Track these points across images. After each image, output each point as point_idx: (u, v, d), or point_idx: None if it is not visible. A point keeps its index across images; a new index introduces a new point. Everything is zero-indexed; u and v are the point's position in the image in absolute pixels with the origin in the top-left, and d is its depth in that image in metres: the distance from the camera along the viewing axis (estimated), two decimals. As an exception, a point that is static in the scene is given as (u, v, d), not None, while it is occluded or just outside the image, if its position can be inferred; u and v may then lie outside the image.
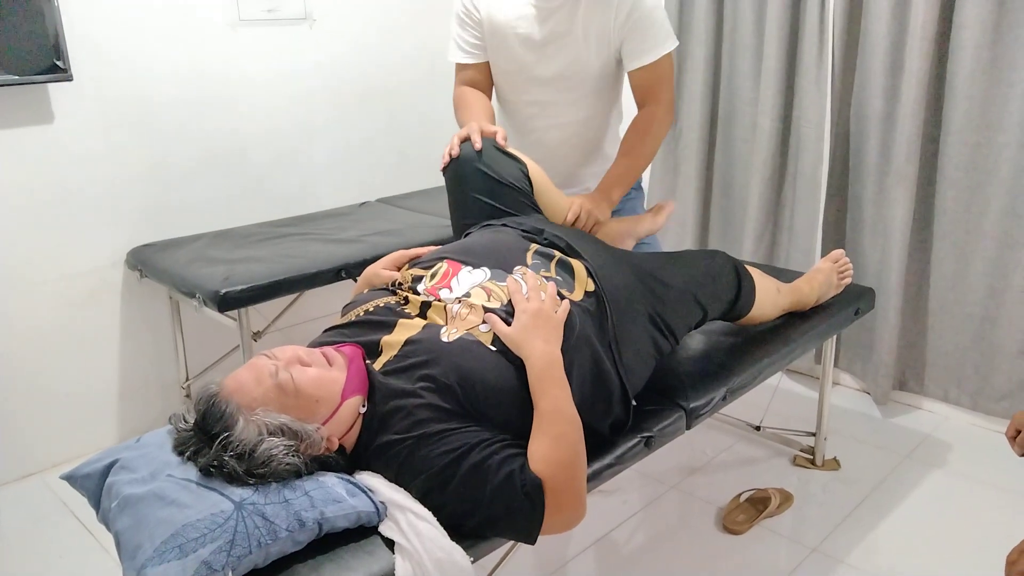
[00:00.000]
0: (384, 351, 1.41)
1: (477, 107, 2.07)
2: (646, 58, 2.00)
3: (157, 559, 1.13)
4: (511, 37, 2.03)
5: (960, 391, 2.64)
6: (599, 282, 1.57)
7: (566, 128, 2.14)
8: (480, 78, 2.15)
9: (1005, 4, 2.29)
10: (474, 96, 2.11)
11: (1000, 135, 2.37)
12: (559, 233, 1.67)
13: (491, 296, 1.46)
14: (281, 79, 2.89)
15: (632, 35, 1.98)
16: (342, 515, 1.23)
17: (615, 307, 1.56)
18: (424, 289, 1.51)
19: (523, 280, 1.49)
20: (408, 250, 1.69)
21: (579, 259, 1.61)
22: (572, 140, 2.16)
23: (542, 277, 1.52)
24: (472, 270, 1.53)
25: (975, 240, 2.49)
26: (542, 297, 1.44)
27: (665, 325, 1.67)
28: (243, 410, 1.26)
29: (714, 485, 2.36)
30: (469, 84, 2.15)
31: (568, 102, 2.09)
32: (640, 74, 2.03)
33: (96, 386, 2.64)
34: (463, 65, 2.15)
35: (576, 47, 2.00)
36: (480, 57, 2.13)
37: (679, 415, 1.69)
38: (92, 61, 2.44)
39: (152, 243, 2.63)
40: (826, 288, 2.18)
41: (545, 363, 1.36)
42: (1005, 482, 2.33)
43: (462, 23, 2.11)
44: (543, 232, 1.67)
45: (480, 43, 2.11)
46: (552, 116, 2.12)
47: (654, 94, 2.05)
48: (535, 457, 1.28)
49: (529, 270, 1.53)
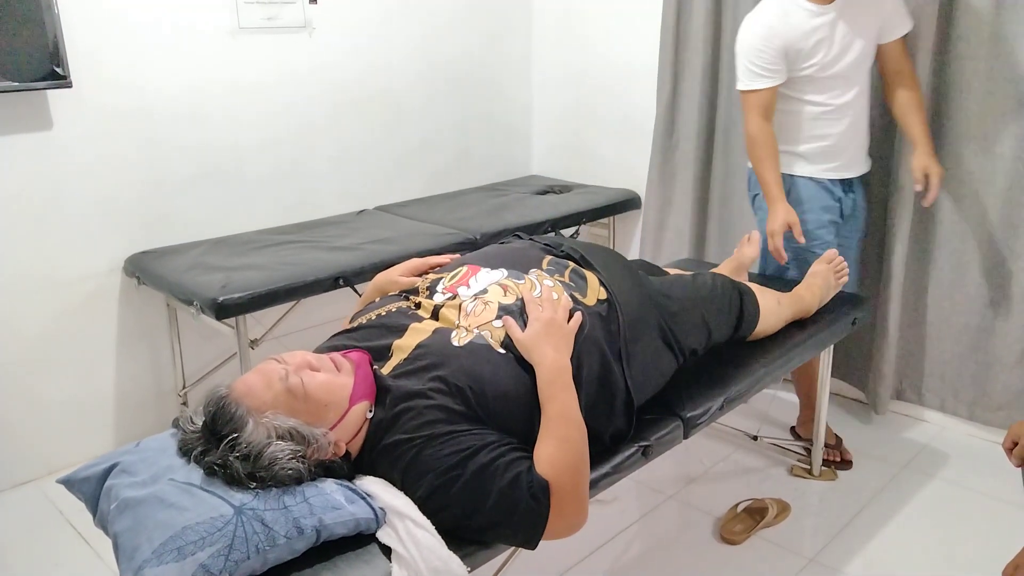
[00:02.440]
0: (395, 354, 1.42)
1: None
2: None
3: (155, 560, 1.13)
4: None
5: (957, 401, 2.64)
6: (611, 291, 1.60)
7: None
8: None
9: (1002, 15, 2.31)
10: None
11: (996, 146, 2.38)
12: (575, 247, 1.72)
13: (507, 292, 1.51)
14: (280, 86, 2.89)
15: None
16: (340, 522, 1.23)
17: (627, 316, 1.58)
18: (443, 287, 1.54)
19: (538, 282, 1.53)
20: (426, 258, 1.72)
21: (592, 270, 1.65)
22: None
23: (557, 281, 1.56)
24: (491, 271, 1.58)
25: (972, 251, 2.50)
26: (556, 304, 1.48)
27: (675, 339, 1.70)
28: (253, 413, 1.27)
29: (711, 495, 2.36)
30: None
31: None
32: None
33: (92, 393, 2.63)
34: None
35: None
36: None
37: (676, 424, 1.69)
38: (91, 68, 2.44)
39: (150, 250, 2.62)
40: (826, 291, 2.20)
41: (555, 370, 1.38)
42: (1002, 493, 2.32)
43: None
44: (561, 246, 1.73)
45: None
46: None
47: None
48: (541, 460, 1.30)
49: (544, 273, 1.58)
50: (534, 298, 1.49)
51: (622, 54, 3.35)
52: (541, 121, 3.77)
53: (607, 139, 3.49)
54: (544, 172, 3.82)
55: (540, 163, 3.83)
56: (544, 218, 2.98)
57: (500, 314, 1.46)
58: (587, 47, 3.48)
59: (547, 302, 1.48)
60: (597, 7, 3.39)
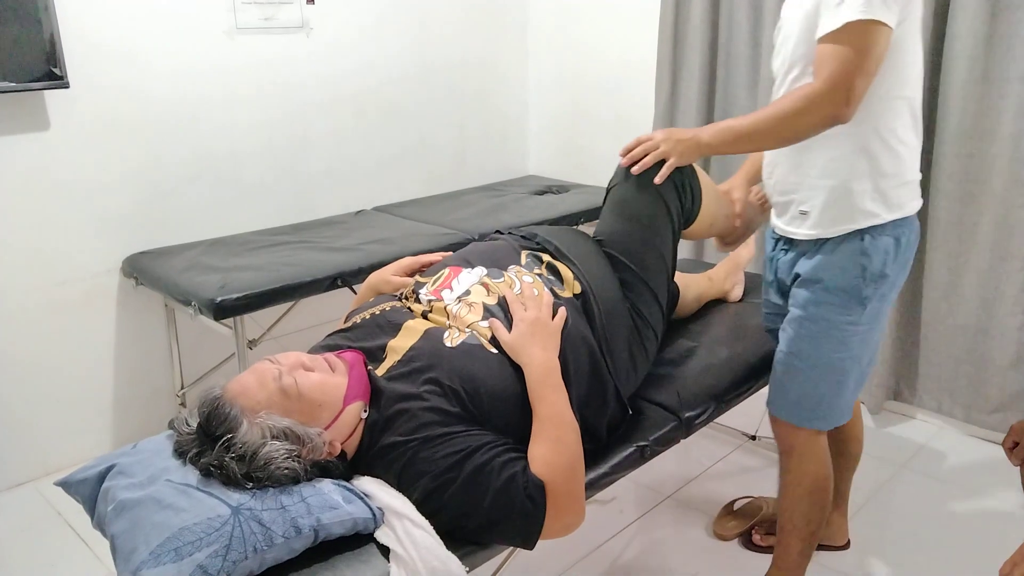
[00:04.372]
0: (388, 356, 1.42)
1: None
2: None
3: (152, 562, 1.13)
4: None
5: (953, 402, 2.64)
6: (587, 284, 1.60)
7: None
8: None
9: (997, 16, 2.31)
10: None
11: (993, 146, 2.39)
12: (550, 238, 1.70)
13: (489, 291, 1.51)
14: (278, 87, 2.89)
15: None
16: (338, 522, 1.23)
17: (604, 307, 1.58)
18: (427, 292, 1.55)
19: (517, 279, 1.53)
20: (417, 256, 1.72)
21: (567, 262, 1.64)
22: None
23: (535, 276, 1.56)
24: (470, 270, 1.58)
25: (968, 251, 2.50)
26: (539, 302, 1.47)
27: (640, 315, 1.66)
28: (247, 413, 1.27)
29: (709, 495, 2.36)
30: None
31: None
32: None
33: (91, 393, 2.63)
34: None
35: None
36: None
37: (674, 424, 1.69)
38: (89, 68, 2.44)
39: (148, 251, 2.62)
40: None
41: (544, 370, 1.38)
42: (998, 493, 2.33)
43: None
44: (535, 237, 1.72)
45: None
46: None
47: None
48: (536, 461, 1.30)
49: (523, 268, 1.58)
50: (517, 298, 1.48)
51: (620, 53, 3.35)
52: (539, 121, 3.77)
53: (605, 139, 3.49)
54: (542, 172, 3.82)
55: (538, 163, 3.84)
56: (542, 218, 2.98)
57: (486, 315, 1.47)
58: (584, 47, 3.49)
59: (530, 300, 1.48)
60: (595, 6, 3.40)
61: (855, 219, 1.56)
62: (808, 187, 1.60)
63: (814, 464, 1.74)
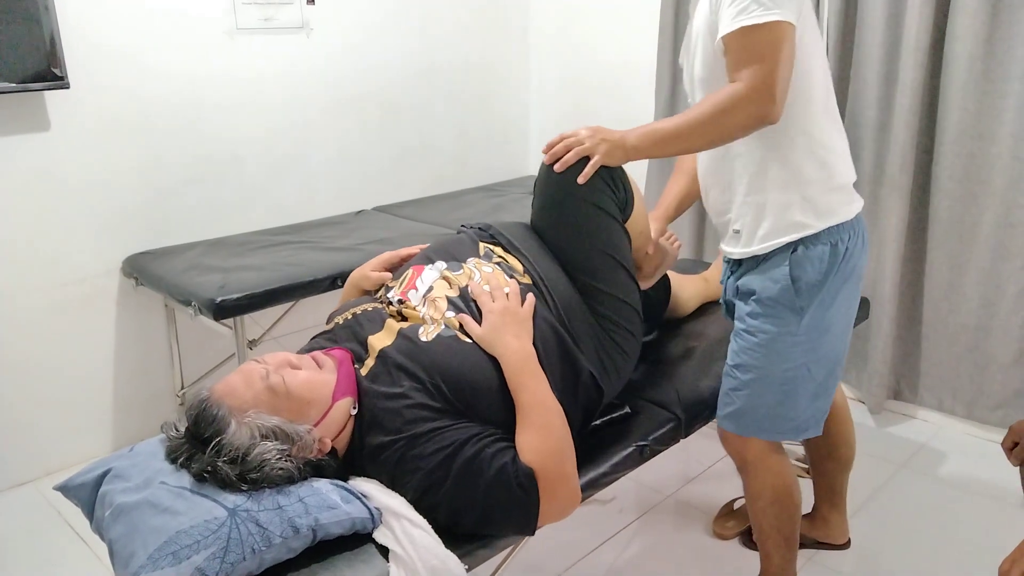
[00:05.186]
0: (369, 356, 1.43)
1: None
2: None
3: (151, 566, 1.13)
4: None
5: (954, 400, 2.64)
6: (538, 275, 1.56)
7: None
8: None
9: (998, 16, 2.31)
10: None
11: (993, 145, 2.39)
12: (503, 231, 1.66)
13: (451, 284, 1.51)
14: (278, 87, 2.90)
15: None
16: (336, 521, 1.23)
17: (557, 297, 1.54)
18: (395, 294, 1.54)
19: (476, 269, 1.52)
20: (397, 250, 1.72)
21: (517, 254, 1.60)
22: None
23: (494, 266, 1.55)
24: (431, 267, 1.57)
25: (969, 250, 2.50)
26: (506, 292, 1.46)
27: (606, 313, 1.61)
28: (235, 413, 1.27)
29: (710, 495, 2.36)
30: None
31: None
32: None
33: (91, 394, 2.63)
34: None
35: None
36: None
37: (674, 424, 1.69)
38: (89, 69, 2.44)
39: (148, 251, 2.63)
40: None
41: (520, 359, 1.38)
42: (999, 492, 2.33)
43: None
44: (490, 228, 1.68)
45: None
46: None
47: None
48: (524, 449, 1.31)
49: (482, 260, 1.57)
50: (484, 291, 1.48)
51: (620, 55, 3.35)
52: (539, 121, 3.77)
53: (605, 139, 3.49)
54: (542, 172, 3.82)
55: (538, 163, 3.83)
56: (542, 218, 2.98)
57: (451, 308, 1.46)
58: (585, 49, 3.49)
59: (497, 291, 1.47)
60: (595, 9, 3.40)
61: (786, 231, 1.55)
62: (737, 205, 1.60)
63: (771, 476, 1.70)
